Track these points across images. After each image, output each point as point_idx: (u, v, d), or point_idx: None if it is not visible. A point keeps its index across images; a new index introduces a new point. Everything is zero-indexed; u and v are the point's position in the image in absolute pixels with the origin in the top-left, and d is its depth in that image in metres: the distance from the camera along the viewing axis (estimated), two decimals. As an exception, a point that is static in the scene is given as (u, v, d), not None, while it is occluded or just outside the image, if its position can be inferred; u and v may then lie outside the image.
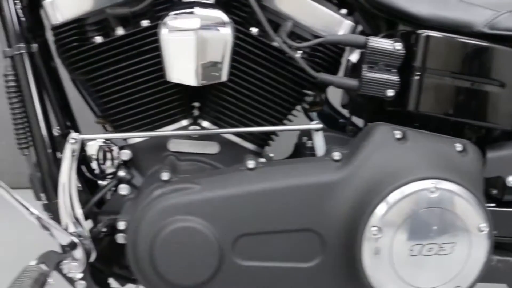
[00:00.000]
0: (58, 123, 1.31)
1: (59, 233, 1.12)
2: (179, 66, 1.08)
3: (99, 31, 1.17)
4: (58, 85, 1.30)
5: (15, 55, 1.20)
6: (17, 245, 2.01)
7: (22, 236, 2.06)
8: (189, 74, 1.08)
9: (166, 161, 1.17)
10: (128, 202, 1.20)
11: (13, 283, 0.99)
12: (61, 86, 1.31)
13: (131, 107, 1.18)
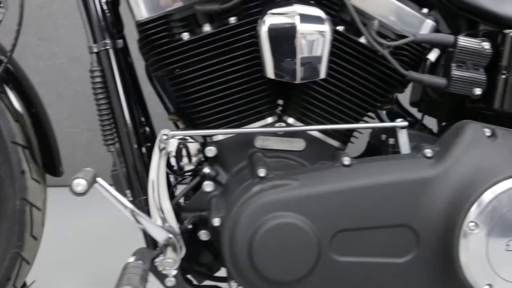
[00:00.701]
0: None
1: (155, 230, 1.12)
2: (279, 63, 1.09)
3: (185, 27, 1.18)
4: (134, 81, 1.30)
5: (101, 51, 1.20)
6: (72, 243, 2.01)
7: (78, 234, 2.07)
8: (289, 71, 1.09)
9: (254, 158, 1.17)
10: (214, 199, 1.20)
11: (122, 280, 0.99)
12: (137, 82, 1.31)
13: (218, 104, 1.18)
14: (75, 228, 2.08)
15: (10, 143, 1.26)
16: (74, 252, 1.92)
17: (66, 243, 1.98)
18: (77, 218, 2.16)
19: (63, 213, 1.94)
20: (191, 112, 1.22)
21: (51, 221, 1.40)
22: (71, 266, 1.40)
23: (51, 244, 1.50)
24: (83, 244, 1.94)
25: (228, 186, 1.20)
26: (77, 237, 2.01)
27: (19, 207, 1.28)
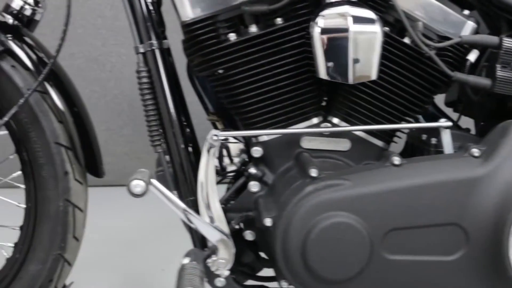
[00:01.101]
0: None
1: (208, 230, 1.13)
2: (333, 64, 1.10)
3: (231, 27, 1.18)
4: (176, 81, 1.31)
5: (147, 51, 1.21)
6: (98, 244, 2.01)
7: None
8: (343, 72, 1.10)
9: (302, 158, 1.18)
10: (260, 199, 1.21)
11: (183, 281, 1.00)
12: (178, 82, 1.31)
13: (265, 104, 1.19)
14: (99, 229, 2.07)
15: (54, 144, 1.26)
16: (100, 253, 1.92)
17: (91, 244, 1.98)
18: (99, 218, 2.16)
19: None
20: (237, 113, 1.22)
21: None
22: (99, 266, 1.41)
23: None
24: (109, 244, 1.94)
25: (275, 187, 1.21)
26: (102, 238, 2.00)
27: (62, 208, 1.28)
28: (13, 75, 1.25)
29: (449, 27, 1.22)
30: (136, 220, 2.14)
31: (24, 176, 1.32)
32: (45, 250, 1.30)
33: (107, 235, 2.04)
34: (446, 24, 1.22)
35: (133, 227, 2.13)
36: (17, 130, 1.27)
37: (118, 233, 2.07)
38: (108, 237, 1.44)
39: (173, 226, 1.34)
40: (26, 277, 1.31)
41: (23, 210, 1.34)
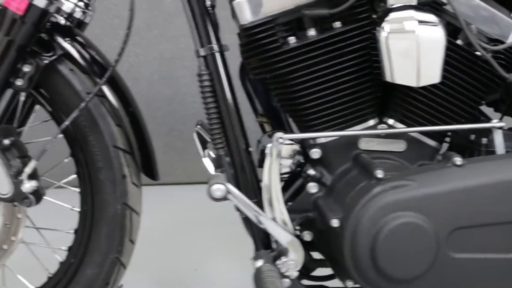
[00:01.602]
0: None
1: (279, 232, 1.14)
2: (400, 68, 1.12)
3: (289, 31, 1.19)
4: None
5: (208, 55, 1.21)
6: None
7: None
8: (410, 75, 1.12)
9: (363, 159, 1.20)
10: (320, 200, 1.22)
11: (266, 284, 1.01)
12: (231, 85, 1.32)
13: (324, 107, 1.21)
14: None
15: (112, 147, 1.27)
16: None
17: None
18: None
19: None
20: (296, 115, 1.24)
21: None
22: (130, 267, 1.42)
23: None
24: (141, 245, 1.94)
25: (335, 188, 1.22)
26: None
27: (120, 212, 1.29)
28: (72, 78, 1.25)
29: (499, 30, 1.25)
30: (167, 220, 2.14)
31: (79, 179, 1.32)
32: (102, 254, 1.30)
33: (139, 235, 2.04)
34: (496, 26, 1.25)
35: (165, 227, 2.13)
36: (75, 134, 1.27)
37: (149, 233, 2.07)
38: (140, 237, 1.45)
39: (203, 226, 1.35)
40: (83, 280, 1.32)
41: (77, 214, 1.34)
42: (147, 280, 1.83)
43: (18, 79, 1.21)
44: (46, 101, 1.29)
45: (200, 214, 2.07)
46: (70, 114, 1.23)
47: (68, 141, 1.30)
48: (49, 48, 1.24)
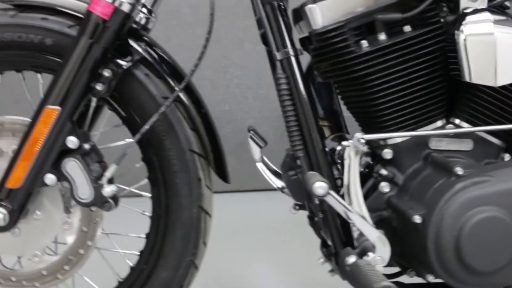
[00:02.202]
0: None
1: (368, 228, 1.17)
2: (479, 68, 1.16)
3: (360, 35, 1.23)
4: None
5: (284, 59, 1.24)
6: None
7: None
8: (488, 75, 1.17)
9: (437, 159, 1.24)
10: (393, 199, 1.26)
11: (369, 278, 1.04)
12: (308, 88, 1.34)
13: (397, 109, 1.24)
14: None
15: (188, 151, 1.28)
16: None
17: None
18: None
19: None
20: (369, 117, 1.27)
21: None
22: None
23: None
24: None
25: (408, 186, 1.26)
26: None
27: (195, 215, 1.30)
28: (148, 83, 1.26)
29: None
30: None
31: (151, 184, 1.33)
32: (177, 257, 1.31)
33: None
34: None
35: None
36: (150, 138, 1.28)
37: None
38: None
39: (246, 230, 1.37)
40: (158, 284, 1.33)
41: (147, 219, 1.35)
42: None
43: (98, 83, 1.22)
44: (120, 106, 1.30)
45: (240, 220, 2.08)
46: (146, 118, 1.25)
47: (140, 146, 1.31)
48: (125, 53, 1.25)
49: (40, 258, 1.32)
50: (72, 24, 1.25)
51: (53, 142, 1.21)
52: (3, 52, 1.28)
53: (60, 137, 1.21)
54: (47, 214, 1.29)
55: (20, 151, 1.22)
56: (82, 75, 1.20)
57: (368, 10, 1.23)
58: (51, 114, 1.20)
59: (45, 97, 1.21)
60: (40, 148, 1.21)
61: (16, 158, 1.22)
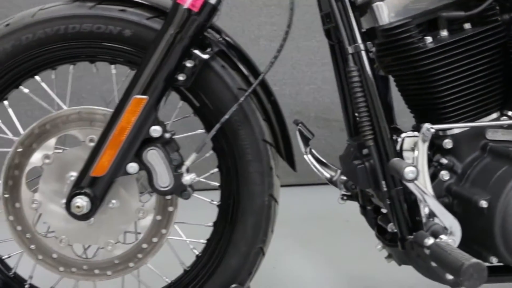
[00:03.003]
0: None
1: (442, 212, 1.24)
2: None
3: (422, 31, 1.31)
4: None
5: (354, 53, 1.30)
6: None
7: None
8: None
9: (497, 148, 1.32)
10: (453, 186, 1.33)
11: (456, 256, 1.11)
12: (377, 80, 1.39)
13: (459, 101, 1.32)
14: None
15: (261, 141, 1.33)
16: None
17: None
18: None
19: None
20: (430, 108, 1.34)
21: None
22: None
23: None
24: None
25: (469, 174, 1.33)
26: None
27: (267, 203, 1.35)
28: (224, 75, 1.30)
29: None
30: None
31: (221, 173, 1.37)
32: (248, 244, 1.35)
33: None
34: None
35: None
36: (226, 128, 1.32)
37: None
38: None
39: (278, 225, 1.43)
40: (227, 271, 1.36)
41: (208, 207, 1.39)
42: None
43: (181, 74, 1.26)
44: (195, 97, 1.33)
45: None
46: (222, 109, 1.29)
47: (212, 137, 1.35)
48: (204, 45, 1.29)
49: (113, 246, 1.33)
50: (151, 16, 1.28)
51: (139, 131, 1.24)
52: (80, 43, 1.29)
53: (146, 126, 1.24)
54: (123, 203, 1.31)
55: (104, 139, 1.24)
56: (168, 66, 1.23)
57: (431, 8, 1.30)
58: (139, 103, 1.23)
59: (131, 86, 1.24)
60: (126, 137, 1.23)
61: (100, 146, 1.24)
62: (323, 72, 2.75)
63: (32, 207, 1.31)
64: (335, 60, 1.45)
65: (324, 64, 2.76)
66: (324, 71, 2.75)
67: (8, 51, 1.28)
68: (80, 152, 1.29)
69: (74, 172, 1.28)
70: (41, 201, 1.31)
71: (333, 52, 1.44)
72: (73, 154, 1.30)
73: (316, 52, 2.76)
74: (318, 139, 2.85)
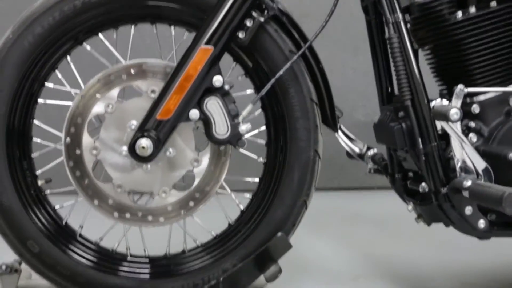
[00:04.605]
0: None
1: (477, 158, 1.37)
2: None
3: (453, 7, 1.46)
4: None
5: (393, 22, 1.44)
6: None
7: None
8: None
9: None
10: (481, 147, 1.46)
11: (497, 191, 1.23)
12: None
13: (486, 69, 1.46)
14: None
15: (309, 100, 1.44)
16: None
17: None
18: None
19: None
20: (458, 77, 1.48)
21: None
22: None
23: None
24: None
25: (495, 136, 1.46)
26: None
27: (312, 158, 1.44)
28: (277, 37, 1.42)
29: None
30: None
31: (268, 130, 1.47)
32: (293, 197, 1.44)
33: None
34: None
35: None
36: (276, 86, 1.42)
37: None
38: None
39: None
40: (273, 222, 1.44)
41: (260, 165, 1.48)
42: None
43: (241, 31, 1.37)
44: (249, 57, 1.44)
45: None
46: (274, 69, 1.40)
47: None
48: (261, 9, 1.40)
49: (167, 194, 1.40)
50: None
51: (203, 78, 1.34)
52: (143, 3, 1.39)
53: (210, 75, 1.34)
54: (179, 152, 1.39)
55: (171, 85, 1.33)
56: (232, 20, 1.34)
57: None
58: (206, 52, 1.33)
59: (198, 36, 1.34)
60: (192, 83, 1.33)
61: (166, 91, 1.33)
62: (331, 80, 2.89)
63: (92, 154, 1.38)
64: (371, 33, 1.59)
65: (332, 72, 2.92)
66: (332, 79, 2.90)
67: (78, 7, 1.37)
68: (142, 102, 1.37)
69: (134, 121, 1.37)
70: (101, 148, 1.38)
71: (369, 27, 1.58)
72: (134, 104, 1.38)
73: (325, 61, 2.92)
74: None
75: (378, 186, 2.85)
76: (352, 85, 2.95)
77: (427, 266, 1.83)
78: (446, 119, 1.33)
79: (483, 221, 1.43)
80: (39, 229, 1.41)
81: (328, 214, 2.54)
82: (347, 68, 3.01)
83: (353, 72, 3.03)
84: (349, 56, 3.02)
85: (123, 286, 1.43)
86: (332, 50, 2.98)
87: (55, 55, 1.41)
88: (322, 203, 2.08)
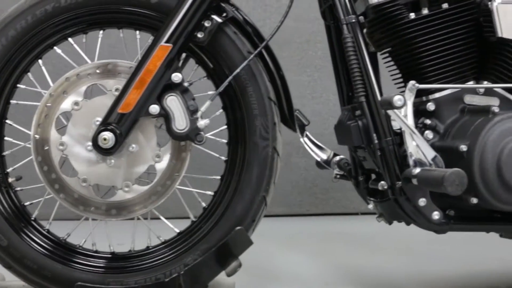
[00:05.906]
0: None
1: (426, 148, 1.42)
2: (508, 26, 1.48)
3: (408, 10, 1.53)
4: None
5: (349, 23, 1.52)
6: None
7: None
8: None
9: (475, 106, 1.51)
10: (437, 142, 1.51)
11: (440, 171, 1.27)
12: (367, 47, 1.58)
13: (439, 67, 1.52)
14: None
15: (267, 98, 1.51)
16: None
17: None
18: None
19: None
20: (414, 74, 1.54)
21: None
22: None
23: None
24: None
25: (449, 132, 1.51)
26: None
27: (271, 154, 1.50)
28: (236, 39, 1.50)
29: None
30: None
31: (230, 129, 1.54)
32: (252, 192, 1.49)
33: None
34: None
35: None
36: (234, 86, 1.50)
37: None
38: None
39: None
40: (233, 218, 1.49)
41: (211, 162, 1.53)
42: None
43: (200, 32, 1.46)
44: (209, 59, 1.52)
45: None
46: (233, 69, 1.48)
47: (221, 95, 1.52)
48: (220, 12, 1.49)
49: (130, 188, 1.46)
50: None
51: (162, 74, 1.42)
52: (111, 7, 1.49)
53: (169, 71, 1.42)
54: (142, 147, 1.46)
55: (132, 80, 1.42)
56: (191, 19, 1.43)
57: None
58: (165, 50, 1.42)
59: (158, 35, 1.43)
60: (151, 78, 1.41)
61: (128, 86, 1.41)
62: (312, 105, 2.99)
63: (59, 149, 1.45)
64: (330, 38, 1.67)
65: (314, 98, 3.01)
66: (314, 104, 3.00)
67: (49, 11, 1.47)
68: (106, 100, 1.45)
69: (99, 118, 1.44)
70: (67, 144, 1.45)
71: (329, 32, 1.67)
72: (100, 102, 1.46)
73: (307, 86, 3.01)
74: (307, 169, 3.03)
75: (362, 212, 2.88)
76: (333, 109, 3.04)
77: (399, 275, 1.85)
78: (391, 106, 1.39)
79: (437, 213, 1.46)
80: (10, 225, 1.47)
81: (308, 236, 2.57)
82: (329, 92, 3.10)
83: (334, 97, 3.11)
84: (330, 81, 3.10)
85: (88, 280, 1.47)
86: (313, 76, 3.09)
87: (27, 58, 1.51)
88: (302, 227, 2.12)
